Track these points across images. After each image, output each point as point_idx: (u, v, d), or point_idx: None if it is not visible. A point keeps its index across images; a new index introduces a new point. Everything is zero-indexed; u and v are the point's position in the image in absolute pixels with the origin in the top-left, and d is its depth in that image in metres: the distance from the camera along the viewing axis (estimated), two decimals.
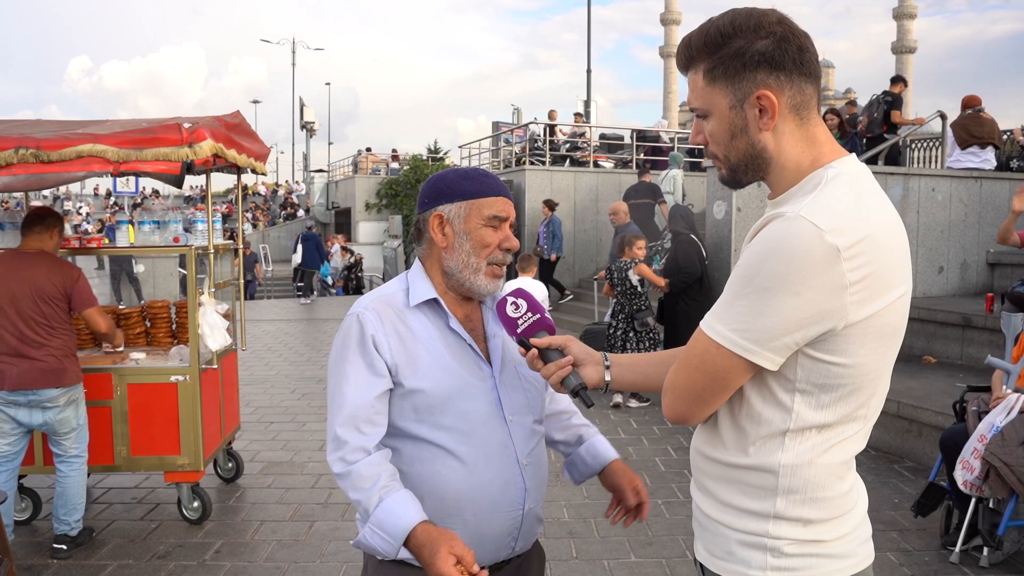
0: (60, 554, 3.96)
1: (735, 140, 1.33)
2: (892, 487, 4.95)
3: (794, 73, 1.28)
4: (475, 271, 1.71)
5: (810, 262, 1.17)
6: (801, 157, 1.31)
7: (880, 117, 9.89)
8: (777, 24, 1.28)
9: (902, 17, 68.53)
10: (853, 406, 1.29)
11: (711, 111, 1.33)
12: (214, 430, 4.65)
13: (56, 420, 3.92)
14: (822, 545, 1.32)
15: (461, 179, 1.73)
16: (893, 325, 1.27)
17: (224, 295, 5.11)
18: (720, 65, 1.29)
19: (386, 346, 1.65)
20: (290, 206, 35.76)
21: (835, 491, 1.33)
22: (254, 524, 4.44)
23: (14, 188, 4.74)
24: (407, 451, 1.68)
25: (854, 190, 1.26)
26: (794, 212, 1.21)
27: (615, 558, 3.97)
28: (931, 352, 7.00)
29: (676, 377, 1.34)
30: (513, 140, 17.83)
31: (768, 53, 1.27)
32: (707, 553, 1.41)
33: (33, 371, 3.81)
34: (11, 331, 3.81)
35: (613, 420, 6.67)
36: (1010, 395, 3.79)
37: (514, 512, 1.70)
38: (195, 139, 3.86)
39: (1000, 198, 8.36)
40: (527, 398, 1.77)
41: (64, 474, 4.00)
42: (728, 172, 1.38)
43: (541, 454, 1.80)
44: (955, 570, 3.78)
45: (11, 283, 3.82)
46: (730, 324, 1.24)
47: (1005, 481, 3.52)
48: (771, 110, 1.28)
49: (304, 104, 34.99)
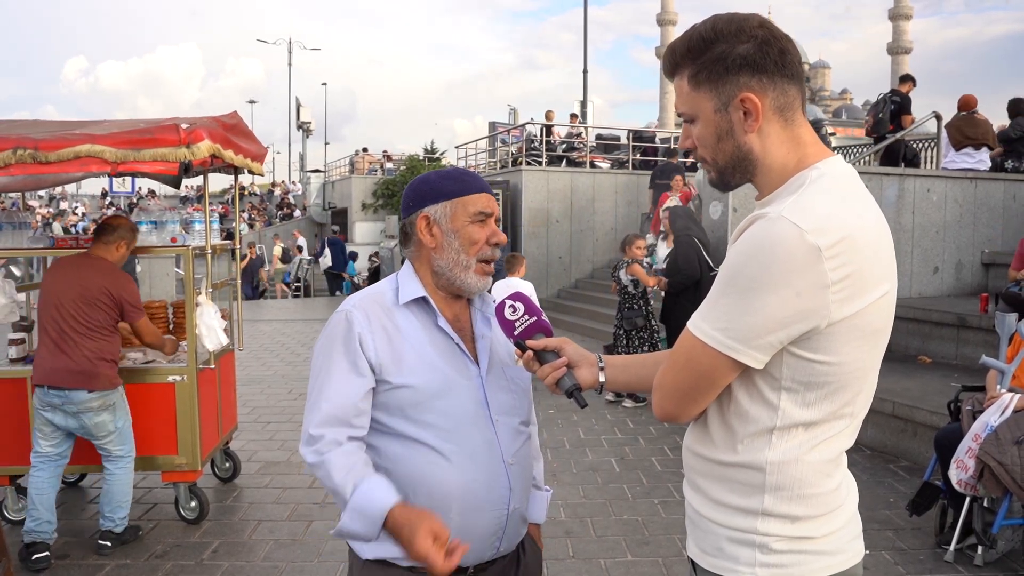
0: (104, 550, 4.01)
1: (721, 143, 1.35)
2: (887, 486, 4.97)
3: (776, 75, 1.31)
4: (465, 268, 1.72)
5: (792, 262, 1.19)
6: (787, 158, 1.34)
7: (887, 117, 9.83)
8: (758, 28, 1.31)
9: (898, 18, 68.67)
10: (839, 404, 1.31)
11: (697, 115, 1.36)
12: (211, 430, 4.65)
13: (92, 424, 3.95)
14: (811, 542, 1.34)
15: (443, 179, 1.75)
16: (877, 324, 1.28)
17: (223, 295, 5.12)
18: (704, 70, 1.32)
19: (371, 344, 1.66)
20: (286, 206, 35.69)
21: (823, 488, 1.34)
22: (251, 524, 4.44)
23: (11, 188, 4.74)
24: (393, 449, 1.68)
25: (837, 190, 1.28)
26: (776, 213, 1.24)
27: (612, 557, 3.98)
28: (926, 352, 7.03)
29: (664, 376, 1.37)
30: (510, 140, 17.83)
31: (750, 56, 1.30)
32: (698, 550, 1.43)
33: (63, 370, 3.87)
34: (53, 327, 3.91)
35: (610, 420, 6.68)
36: (1004, 395, 3.81)
37: (499, 511, 1.70)
38: (193, 140, 3.86)
39: (994, 199, 8.39)
40: (514, 400, 1.78)
41: (110, 472, 4.06)
42: (717, 175, 1.41)
43: (527, 456, 1.81)
44: (950, 569, 3.80)
45: (62, 283, 3.94)
46: (715, 323, 1.27)
47: (999, 480, 3.54)
48: (755, 112, 1.31)
49: (300, 104, 35.00)
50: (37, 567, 3.82)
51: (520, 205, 13.66)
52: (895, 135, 9.59)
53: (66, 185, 30.60)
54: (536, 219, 13.65)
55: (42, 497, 3.91)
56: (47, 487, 3.94)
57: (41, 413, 3.94)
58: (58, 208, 36.40)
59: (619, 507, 4.68)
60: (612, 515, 4.55)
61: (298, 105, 35.28)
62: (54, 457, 3.98)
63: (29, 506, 3.92)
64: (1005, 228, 8.43)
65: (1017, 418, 3.65)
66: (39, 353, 3.97)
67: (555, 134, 16.19)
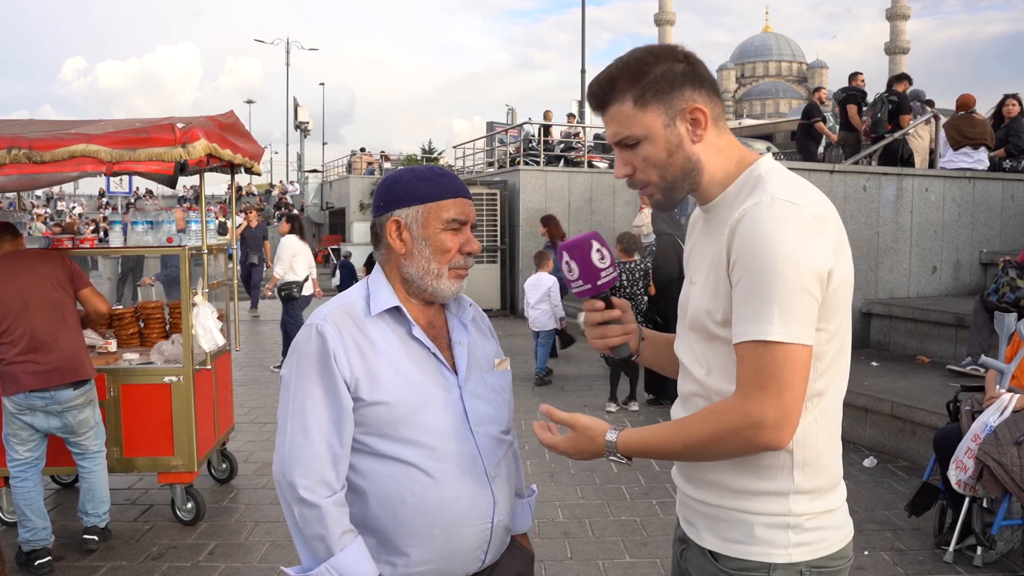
0: (91, 544, 4.01)
1: (672, 157, 1.41)
2: (886, 487, 4.96)
3: (710, 88, 1.42)
4: (437, 277, 1.65)
5: (804, 232, 1.28)
6: (727, 163, 1.43)
7: (885, 117, 9.82)
8: (682, 51, 1.43)
9: (895, 18, 68.78)
10: (837, 372, 1.40)
11: (646, 135, 1.41)
12: (208, 431, 4.63)
13: (76, 422, 3.92)
14: (831, 515, 1.43)
15: (417, 181, 1.65)
16: (849, 295, 1.38)
17: (219, 295, 5.10)
18: (650, 87, 1.39)
19: (345, 361, 1.57)
20: (284, 206, 35.66)
21: (833, 459, 1.44)
22: (248, 525, 4.43)
23: (7, 188, 4.72)
24: (370, 467, 1.60)
25: (796, 180, 1.38)
26: (766, 197, 1.31)
27: (610, 558, 3.97)
28: (924, 352, 7.02)
29: (779, 399, 1.28)
30: (508, 140, 17.83)
31: (689, 72, 1.40)
32: (721, 540, 1.44)
33: (50, 370, 3.79)
34: (25, 329, 3.78)
35: (607, 420, 6.65)
36: (1003, 395, 3.80)
37: (483, 526, 1.65)
38: (189, 139, 3.84)
39: (993, 198, 8.39)
40: (494, 408, 1.71)
41: (88, 470, 4.03)
42: (663, 194, 1.46)
43: (509, 465, 1.75)
44: (949, 569, 3.79)
45: (15, 280, 3.81)
46: (792, 324, 1.27)
47: (998, 480, 3.53)
48: (703, 121, 1.40)
49: (298, 104, 34.96)
50: (41, 572, 3.81)
51: (518, 205, 13.66)
52: (893, 135, 9.60)
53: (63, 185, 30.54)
54: (534, 219, 13.62)
55: (32, 507, 3.86)
56: (35, 495, 3.89)
57: (18, 418, 3.82)
58: (55, 208, 36.35)
59: (617, 508, 4.66)
60: (610, 516, 4.53)
61: (295, 105, 35.25)
62: (34, 462, 3.92)
63: (20, 517, 3.85)
64: (1003, 228, 8.43)
65: (1016, 418, 3.65)
66: (10, 360, 3.77)
67: (553, 134, 16.18)
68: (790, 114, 66.94)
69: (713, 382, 1.42)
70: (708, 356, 1.43)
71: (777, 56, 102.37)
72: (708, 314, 1.40)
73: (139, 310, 5.12)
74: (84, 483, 4.04)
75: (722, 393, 1.39)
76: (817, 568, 1.40)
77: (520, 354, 9.50)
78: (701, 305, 1.42)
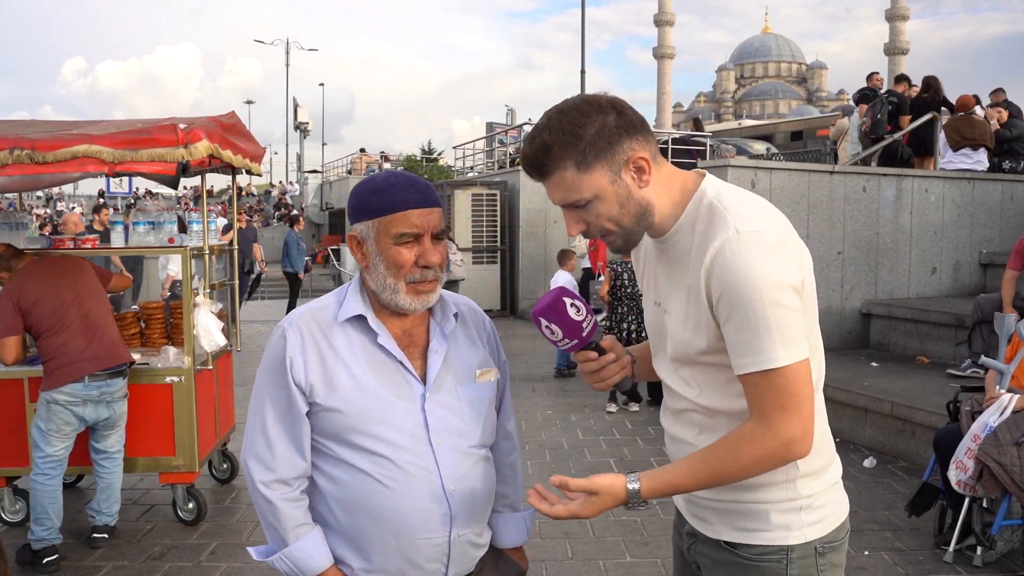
0: (100, 543, 4.10)
1: (624, 208, 1.44)
2: (886, 487, 4.97)
3: (643, 131, 1.43)
4: (394, 292, 1.61)
5: (774, 255, 1.35)
6: (672, 194, 1.47)
7: (884, 118, 9.82)
8: (607, 100, 1.43)
9: (895, 19, 68.82)
10: (815, 358, 1.46)
11: (595, 195, 1.42)
12: (209, 431, 4.64)
13: (119, 413, 4.09)
14: (834, 489, 1.54)
15: (371, 194, 1.61)
16: (815, 292, 1.46)
17: (221, 295, 5.11)
18: (590, 149, 1.39)
19: (302, 367, 1.59)
20: (284, 207, 35.67)
21: (827, 437, 1.54)
22: (249, 525, 4.43)
23: (8, 189, 4.73)
24: (331, 470, 1.63)
25: (742, 198, 1.44)
26: (732, 233, 1.35)
27: (611, 558, 3.98)
28: (924, 352, 7.03)
29: (801, 411, 1.38)
30: (507, 141, 17.85)
31: (621, 123, 1.40)
32: (737, 531, 1.52)
33: (103, 354, 3.96)
34: (79, 319, 3.93)
35: (608, 421, 6.67)
36: (1003, 395, 3.81)
37: (439, 538, 1.62)
38: (191, 140, 3.85)
39: (992, 199, 8.40)
40: (463, 421, 1.67)
41: (108, 470, 4.13)
42: (623, 240, 1.50)
43: (477, 478, 1.68)
44: (949, 569, 3.80)
45: (58, 278, 3.95)
46: (790, 342, 1.35)
47: (998, 480, 3.54)
48: (647, 167, 1.43)
49: (298, 105, 34.98)
50: (48, 570, 3.83)
51: (518, 205, 13.66)
52: (893, 136, 9.61)
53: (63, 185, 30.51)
54: (534, 219, 13.66)
55: (55, 505, 3.91)
56: (59, 493, 3.95)
57: (69, 410, 3.87)
58: (55, 209, 36.36)
59: (618, 508, 4.66)
60: (611, 516, 4.54)
61: (295, 105, 35.27)
62: (64, 460, 3.98)
63: (39, 515, 3.87)
64: (1003, 228, 8.43)
65: (1016, 418, 3.65)
66: (70, 348, 3.85)
67: None
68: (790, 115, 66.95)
69: (706, 401, 1.50)
70: (696, 378, 1.51)
71: (776, 57, 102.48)
72: (690, 345, 1.48)
73: (140, 311, 5.13)
74: (102, 482, 4.11)
75: (717, 409, 1.48)
76: (828, 543, 1.51)
77: (520, 355, 9.51)
78: (682, 338, 1.49)
